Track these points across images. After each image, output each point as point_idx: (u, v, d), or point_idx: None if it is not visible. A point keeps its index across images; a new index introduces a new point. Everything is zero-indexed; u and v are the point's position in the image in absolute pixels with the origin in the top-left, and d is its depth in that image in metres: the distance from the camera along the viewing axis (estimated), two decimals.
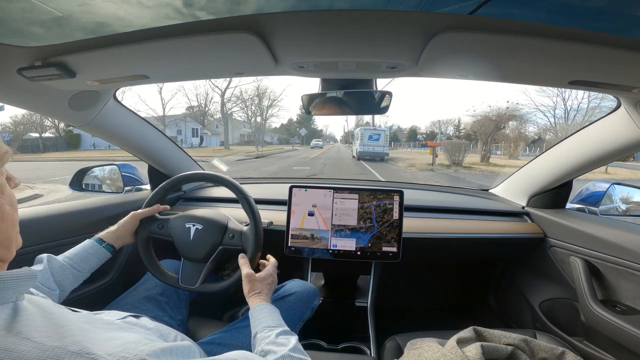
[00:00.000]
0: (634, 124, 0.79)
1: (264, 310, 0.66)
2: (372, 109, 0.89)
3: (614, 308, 0.90)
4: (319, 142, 36.71)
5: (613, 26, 0.46)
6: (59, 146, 21.89)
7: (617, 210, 1.16)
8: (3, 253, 0.36)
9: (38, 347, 0.29)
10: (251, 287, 0.73)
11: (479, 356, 0.67)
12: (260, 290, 0.72)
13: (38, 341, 0.30)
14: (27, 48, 0.59)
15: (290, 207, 1.05)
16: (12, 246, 0.38)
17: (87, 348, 0.31)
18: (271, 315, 0.65)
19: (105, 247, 0.78)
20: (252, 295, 0.71)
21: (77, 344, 0.31)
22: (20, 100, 0.79)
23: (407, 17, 0.49)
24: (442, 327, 0.88)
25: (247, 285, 0.73)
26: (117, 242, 0.81)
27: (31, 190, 5.93)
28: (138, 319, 0.60)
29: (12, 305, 0.33)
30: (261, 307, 0.67)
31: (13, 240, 0.38)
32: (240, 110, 27.26)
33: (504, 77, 0.69)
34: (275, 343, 0.56)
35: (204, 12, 0.48)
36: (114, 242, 0.80)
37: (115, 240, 0.80)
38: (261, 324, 0.62)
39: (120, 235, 0.81)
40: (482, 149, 14.29)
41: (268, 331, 0.59)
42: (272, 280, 0.77)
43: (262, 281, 0.75)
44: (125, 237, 0.83)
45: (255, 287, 0.73)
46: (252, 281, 0.74)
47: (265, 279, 0.75)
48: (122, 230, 0.82)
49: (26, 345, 0.29)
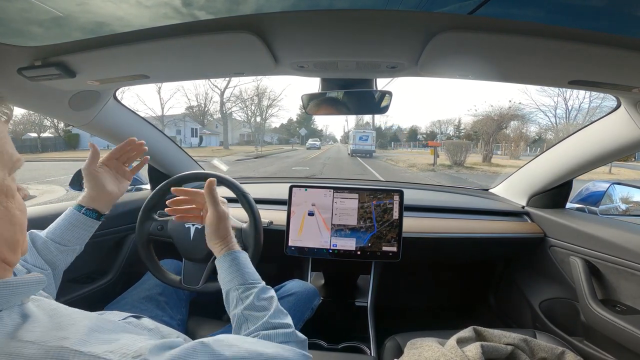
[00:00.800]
0: (634, 123, 0.79)
1: (238, 261, 0.59)
2: (372, 108, 0.89)
3: (614, 308, 0.90)
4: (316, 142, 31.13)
5: (613, 26, 0.46)
6: (58, 146, 21.87)
7: (617, 210, 1.16)
8: (10, 256, 0.36)
9: (41, 347, 0.29)
10: (220, 231, 0.62)
11: (479, 356, 0.67)
12: (226, 233, 0.62)
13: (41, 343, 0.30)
14: (27, 48, 0.59)
15: (290, 206, 1.05)
16: (19, 250, 0.38)
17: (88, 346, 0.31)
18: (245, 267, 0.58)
19: (89, 213, 0.66)
20: (222, 241, 0.61)
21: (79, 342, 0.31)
22: (20, 100, 0.79)
23: (407, 17, 0.49)
24: (442, 327, 0.88)
25: (218, 227, 0.61)
26: (100, 205, 0.68)
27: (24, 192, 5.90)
28: (139, 320, 0.60)
29: (17, 310, 0.34)
30: (234, 256, 0.59)
31: (20, 244, 0.38)
32: (240, 110, 27.31)
33: (504, 77, 0.69)
34: (255, 307, 0.52)
35: (203, 12, 0.48)
36: (97, 205, 0.67)
37: (97, 202, 0.67)
38: (237, 279, 0.56)
39: (95, 197, 0.67)
40: (484, 149, 14.29)
41: (244, 290, 0.54)
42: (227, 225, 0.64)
43: (227, 221, 0.63)
44: (105, 194, 0.68)
45: (225, 231, 0.62)
46: (224, 219, 0.62)
47: (228, 220, 0.64)
48: (95, 187, 0.67)
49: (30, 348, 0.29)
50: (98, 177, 0.68)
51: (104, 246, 1.10)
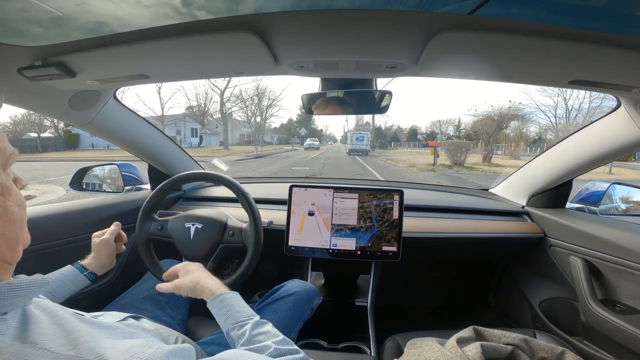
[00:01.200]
0: (634, 123, 0.79)
1: (226, 302, 0.60)
2: (372, 108, 0.89)
3: (614, 308, 0.90)
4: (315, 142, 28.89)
5: (613, 26, 0.46)
6: (58, 146, 21.87)
7: (617, 209, 1.16)
8: (10, 255, 0.36)
9: (55, 356, 0.30)
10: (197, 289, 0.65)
11: (479, 356, 0.67)
12: (201, 283, 0.65)
13: (54, 350, 0.30)
14: (27, 48, 0.59)
15: (290, 206, 1.05)
16: (19, 247, 0.37)
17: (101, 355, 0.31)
18: (237, 305, 0.60)
19: (87, 275, 0.75)
20: (198, 286, 0.64)
21: (91, 351, 0.31)
22: (21, 100, 0.79)
23: (407, 16, 0.49)
24: (442, 327, 0.88)
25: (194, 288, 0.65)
26: (99, 270, 0.78)
27: (24, 191, 5.87)
28: (138, 321, 0.60)
29: (20, 312, 0.34)
30: (221, 299, 0.61)
31: (20, 241, 0.37)
32: (240, 110, 27.31)
33: (504, 77, 0.69)
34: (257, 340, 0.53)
35: (202, 12, 0.48)
36: (96, 269, 0.77)
37: (98, 268, 0.78)
38: (230, 319, 0.57)
39: (102, 265, 0.79)
40: (484, 149, 14.28)
41: (239, 328, 0.56)
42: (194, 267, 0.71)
43: (190, 271, 0.68)
44: (106, 265, 0.80)
45: (200, 282, 0.65)
46: (187, 273, 0.68)
47: (190, 269, 0.69)
48: (102, 259, 0.78)
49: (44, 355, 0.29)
50: (112, 250, 0.81)
51: None
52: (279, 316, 0.80)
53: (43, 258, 0.90)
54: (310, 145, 27.52)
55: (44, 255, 0.91)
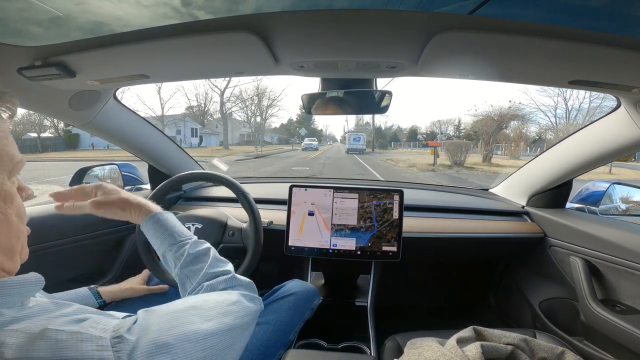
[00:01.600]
0: (634, 123, 0.79)
1: (162, 222, 0.56)
2: (372, 108, 0.89)
3: (614, 308, 0.90)
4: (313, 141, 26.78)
5: (613, 26, 0.46)
6: (58, 146, 21.85)
7: (617, 209, 1.16)
8: (8, 264, 0.36)
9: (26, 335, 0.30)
10: (124, 202, 0.57)
11: (479, 356, 0.67)
12: (133, 198, 0.58)
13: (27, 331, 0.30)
14: (27, 48, 0.59)
15: (290, 206, 1.05)
16: (16, 257, 0.37)
17: (70, 325, 0.31)
18: (172, 227, 0.56)
19: (99, 302, 0.77)
20: (133, 208, 0.57)
21: (61, 323, 0.31)
22: (21, 100, 0.78)
23: (407, 16, 0.49)
24: (442, 327, 0.88)
25: (120, 200, 0.57)
26: (111, 299, 0.81)
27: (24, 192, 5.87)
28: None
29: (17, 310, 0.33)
30: (156, 218, 0.56)
31: (17, 251, 0.37)
32: (240, 110, 27.31)
33: (504, 77, 0.69)
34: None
35: (202, 12, 0.48)
36: (109, 298, 0.80)
37: (112, 297, 0.80)
38: (165, 241, 0.54)
39: (118, 297, 0.82)
40: (484, 149, 14.28)
41: (177, 249, 0.53)
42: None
43: (120, 191, 0.59)
44: (120, 297, 0.82)
45: (130, 197, 0.58)
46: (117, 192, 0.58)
47: (118, 190, 0.59)
48: (121, 294, 0.82)
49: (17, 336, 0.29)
50: (132, 294, 0.83)
51: (104, 246, 1.10)
52: (279, 316, 0.80)
53: (43, 258, 0.90)
54: (308, 145, 25.82)
55: (44, 255, 0.91)
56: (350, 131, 34.26)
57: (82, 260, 0.83)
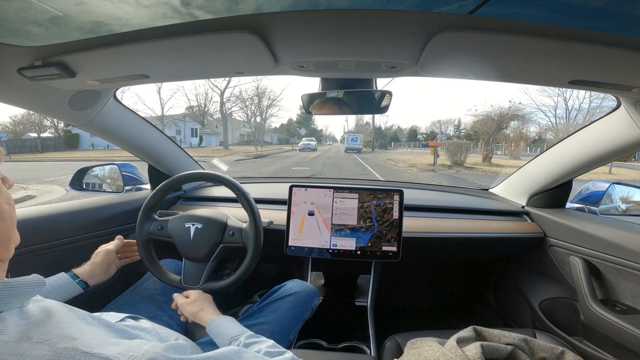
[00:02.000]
0: (634, 123, 0.79)
1: (222, 323, 0.68)
2: (372, 108, 0.89)
3: (614, 307, 0.90)
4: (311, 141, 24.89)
5: (613, 26, 0.46)
6: (58, 146, 21.87)
7: (616, 209, 1.16)
8: (3, 252, 0.36)
9: (51, 349, 0.30)
10: (197, 306, 0.76)
11: (479, 356, 0.67)
12: (202, 306, 0.76)
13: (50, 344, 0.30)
14: (27, 48, 0.59)
15: (290, 206, 1.05)
16: (11, 244, 0.38)
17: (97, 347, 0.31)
18: (232, 325, 0.67)
19: (78, 282, 0.76)
20: (200, 312, 0.74)
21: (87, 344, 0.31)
22: (21, 100, 0.79)
23: (406, 16, 0.49)
24: (442, 327, 0.88)
25: (194, 306, 0.76)
26: (91, 280, 0.79)
27: (24, 191, 5.82)
28: (137, 321, 0.60)
29: (17, 311, 0.34)
30: (217, 322, 0.68)
31: (12, 238, 0.38)
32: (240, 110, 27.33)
33: (504, 77, 0.69)
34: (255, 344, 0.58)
35: (202, 11, 0.48)
36: (88, 279, 0.78)
37: (91, 277, 0.79)
38: (227, 335, 0.63)
39: (96, 273, 0.80)
40: (484, 149, 14.28)
41: (234, 342, 0.60)
42: (203, 297, 0.80)
43: (199, 299, 0.78)
44: (100, 274, 0.81)
45: (201, 305, 0.76)
46: (195, 301, 0.77)
47: (199, 298, 0.78)
48: (97, 267, 0.81)
49: (40, 349, 0.29)
50: (110, 261, 0.83)
51: None
52: (279, 316, 0.80)
53: (43, 258, 0.90)
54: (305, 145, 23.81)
55: (44, 255, 0.91)
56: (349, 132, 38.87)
57: (82, 260, 0.83)
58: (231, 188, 0.91)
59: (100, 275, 0.81)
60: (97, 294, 1.02)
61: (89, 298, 0.98)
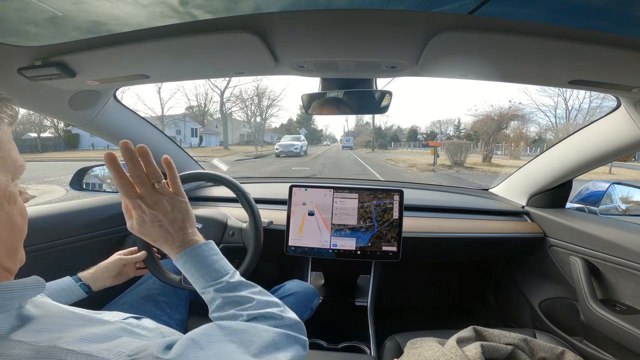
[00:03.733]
0: (634, 123, 0.79)
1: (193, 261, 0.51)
2: (372, 108, 0.89)
3: (614, 307, 0.90)
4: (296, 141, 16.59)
5: (613, 26, 0.46)
6: (58, 146, 21.85)
7: (616, 209, 1.16)
8: (9, 264, 0.36)
9: (32, 347, 0.29)
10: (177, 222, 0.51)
11: (479, 356, 0.67)
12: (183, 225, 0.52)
13: (32, 342, 0.30)
14: (27, 48, 0.59)
15: (290, 206, 1.05)
16: (18, 258, 0.38)
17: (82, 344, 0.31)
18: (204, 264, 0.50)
19: (81, 286, 0.74)
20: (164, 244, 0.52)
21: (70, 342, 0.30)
22: (21, 100, 0.79)
23: (406, 16, 0.49)
24: (442, 327, 0.88)
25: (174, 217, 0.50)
26: (95, 284, 0.77)
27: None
28: (139, 320, 0.60)
29: (15, 313, 0.33)
30: (187, 257, 0.51)
31: (19, 252, 0.38)
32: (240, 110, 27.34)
33: (504, 77, 0.69)
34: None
35: (200, 11, 0.48)
36: (91, 283, 0.76)
37: (94, 281, 0.77)
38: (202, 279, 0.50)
39: (99, 278, 0.78)
40: (484, 149, 14.28)
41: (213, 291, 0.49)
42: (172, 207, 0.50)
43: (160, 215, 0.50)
44: (105, 279, 0.79)
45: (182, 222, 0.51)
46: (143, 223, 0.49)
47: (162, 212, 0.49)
48: (101, 272, 0.79)
49: (21, 347, 0.29)
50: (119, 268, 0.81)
51: (104, 246, 1.10)
52: None
53: (43, 258, 0.90)
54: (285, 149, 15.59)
55: (44, 255, 0.91)
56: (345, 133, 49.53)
57: (81, 260, 0.83)
58: (231, 188, 0.91)
59: (105, 280, 0.79)
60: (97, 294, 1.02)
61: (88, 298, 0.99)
